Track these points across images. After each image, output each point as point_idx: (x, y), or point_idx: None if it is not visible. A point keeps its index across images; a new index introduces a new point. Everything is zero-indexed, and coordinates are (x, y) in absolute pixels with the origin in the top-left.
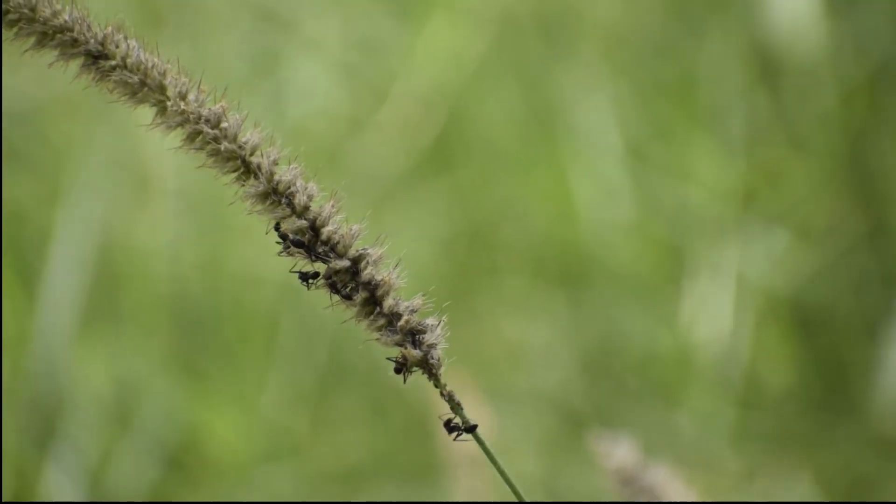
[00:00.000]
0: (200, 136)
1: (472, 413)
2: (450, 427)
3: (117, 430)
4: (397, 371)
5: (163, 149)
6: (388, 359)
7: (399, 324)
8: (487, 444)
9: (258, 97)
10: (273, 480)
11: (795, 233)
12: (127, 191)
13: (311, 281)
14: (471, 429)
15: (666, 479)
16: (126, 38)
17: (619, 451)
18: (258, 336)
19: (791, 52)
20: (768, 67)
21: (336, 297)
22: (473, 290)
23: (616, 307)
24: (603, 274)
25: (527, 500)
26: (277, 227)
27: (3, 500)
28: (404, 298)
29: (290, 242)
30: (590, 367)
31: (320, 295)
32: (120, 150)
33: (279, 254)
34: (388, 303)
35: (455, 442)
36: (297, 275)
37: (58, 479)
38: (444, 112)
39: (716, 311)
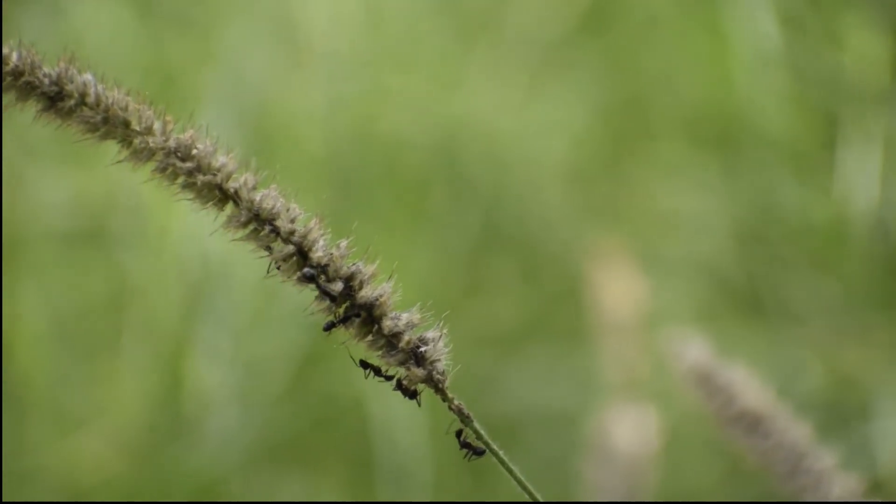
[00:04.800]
0: (171, 170)
1: (625, 280)
2: (461, 441)
3: (266, 298)
4: (406, 394)
5: (317, 11)
6: (388, 379)
7: (400, 344)
8: (642, 312)
9: None
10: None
11: None
12: (281, 52)
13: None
14: (479, 452)
15: (741, 380)
16: (80, 73)
17: (692, 352)
18: (410, 199)
19: None
20: None
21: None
22: (628, 156)
23: (770, 174)
24: (757, 141)
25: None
26: (309, 277)
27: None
28: (402, 310)
29: (301, 277)
30: (743, 235)
31: (474, 162)
32: (274, 11)
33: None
34: (387, 323)
35: (605, 309)
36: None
37: (207, 344)
38: None
39: (868, 180)
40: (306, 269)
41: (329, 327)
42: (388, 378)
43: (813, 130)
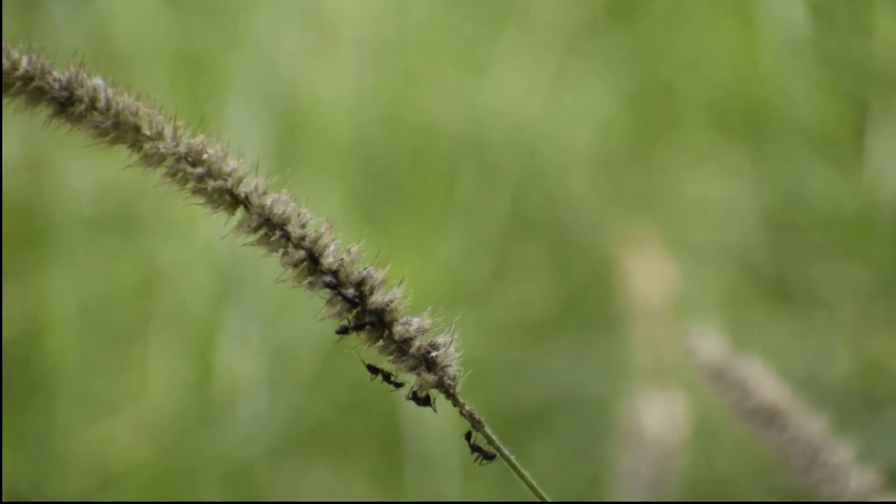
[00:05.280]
0: (182, 175)
1: (653, 267)
2: (472, 445)
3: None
4: (418, 402)
5: None
6: (396, 386)
7: (411, 350)
8: (671, 299)
9: None
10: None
11: None
12: (308, 38)
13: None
14: (490, 456)
15: (757, 374)
16: (90, 77)
17: (708, 346)
18: (439, 186)
19: None
20: None
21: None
22: (655, 143)
23: (799, 162)
24: (786, 128)
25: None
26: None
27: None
28: (414, 314)
29: (323, 284)
30: (772, 222)
31: (502, 148)
32: None
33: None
34: (398, 329)
35: (634, 295)
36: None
37: (236, 330)
38: None
39: None
40: (328, 279)
41: (343, 331)
42: (397, 385)
43: (842, 117)
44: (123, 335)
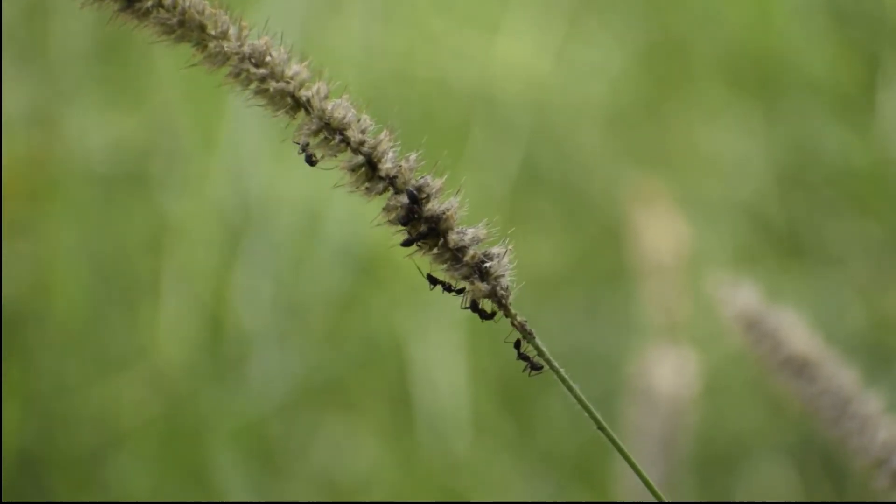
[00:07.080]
0: (245, 75)
1: (665, 223)
2: (520, 353)
3: (306, 240)
4: (481, 315)
5: None
6: (452, 291)
7: (465, 259)
8: (683, 255)
9: None
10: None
11: None
12: None
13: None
14: (538, 367)
15: (790, 325)
16: None
17: (741, 296)
18: (449, 142)
19: None
20: None
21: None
22: (668, 99)
23: (811, 117)
24: (798, 83)
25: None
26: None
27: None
28: (469, 225)
29: (406, 193)
30: (784, 178)
31: (514, 105)
32: None
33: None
34: (453, 237)
35: (646, 250)
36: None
37: (247, 287)
38: None
39: None
40: (410, 189)
41: (408, 244)
42: (459, 292)
43: (854, 72)
44: (134, 291)
